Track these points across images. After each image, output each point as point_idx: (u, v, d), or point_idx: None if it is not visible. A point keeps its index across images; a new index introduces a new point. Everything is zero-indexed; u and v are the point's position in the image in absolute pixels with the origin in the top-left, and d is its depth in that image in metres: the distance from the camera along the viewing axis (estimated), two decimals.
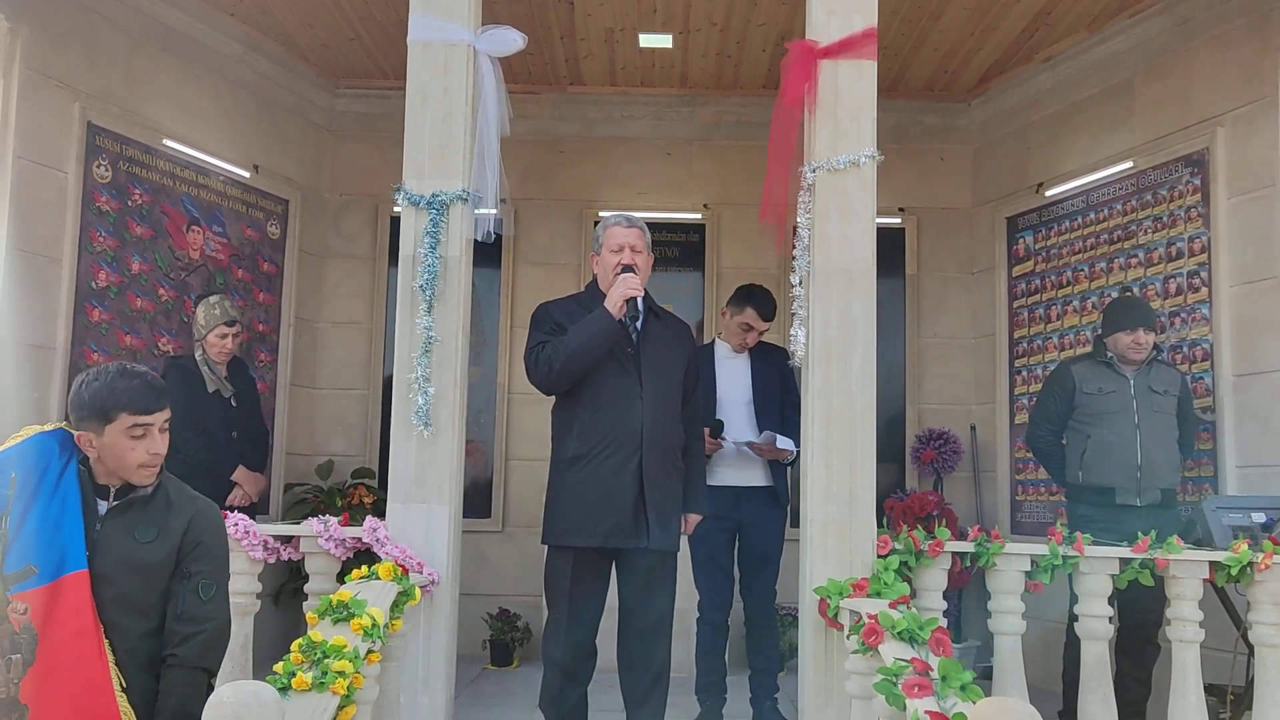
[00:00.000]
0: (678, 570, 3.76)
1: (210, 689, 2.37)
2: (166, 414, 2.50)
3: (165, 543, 2.46)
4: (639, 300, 3.55)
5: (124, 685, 2.37)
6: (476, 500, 6.22)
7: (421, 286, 3.63)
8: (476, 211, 3.78)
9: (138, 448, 2.44)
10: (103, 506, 2.47)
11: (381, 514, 3.65)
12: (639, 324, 3.64)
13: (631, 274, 3.56)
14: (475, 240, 3.80)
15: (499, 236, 6.20)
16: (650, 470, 3.55)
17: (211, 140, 5.66)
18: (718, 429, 4.41)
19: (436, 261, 3.64)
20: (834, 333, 3.67)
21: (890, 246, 6.21)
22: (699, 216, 6.62)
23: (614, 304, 3.50)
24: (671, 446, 3.67)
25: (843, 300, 3.68)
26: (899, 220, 6.55)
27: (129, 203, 5.14)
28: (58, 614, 2.32)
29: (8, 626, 2.27)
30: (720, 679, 4.47)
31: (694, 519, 3.88)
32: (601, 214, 6.47)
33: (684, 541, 3.88)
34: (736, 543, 4.54)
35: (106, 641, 2.37)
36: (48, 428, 2.52)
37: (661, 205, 6.53)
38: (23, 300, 4.59)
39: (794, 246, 3.75)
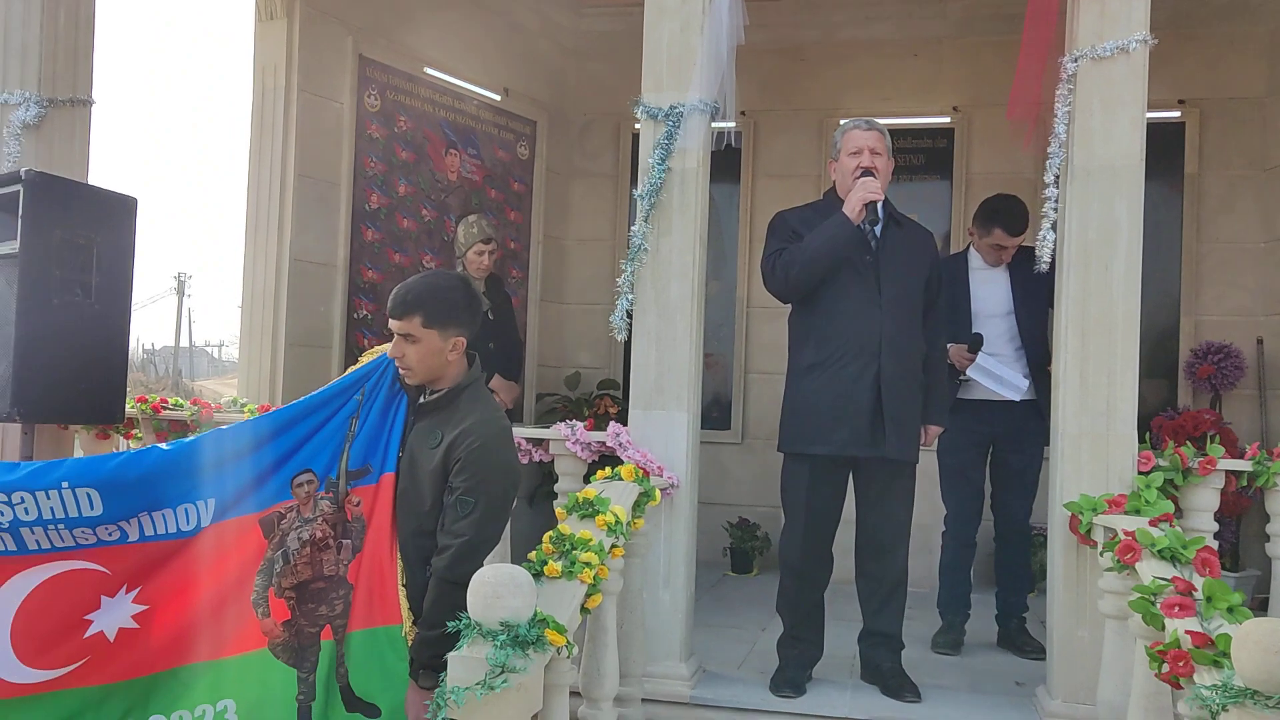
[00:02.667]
0: (918, 482, 3.70)
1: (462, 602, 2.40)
2: (406, 324, 2.56)
3: (440, 450, 2.54)
4: (879, 205, 3.46)
5: (404, 580, 2.58)
6: (716, 413, 6.35)
7: (640, 195, 3.69)
8: (714, 124, 3.78)
9: (393, 349, 2.63)
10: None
11: (624, 422, 3.80)
12: (878, 230, 3.55)
13: (871, 178, 3.46)
14: (713, 152, 3.81)
15: (738, 150, 6.20)
16: (888, 379, 3.48)
17: (466, 66, 5.95)
18: (976, 343, 4.22)
19: (661, 174, 3.67)
20: (1093, 235, 3.43)
21: (1165, 143, 5.68)
22: (948, 120, 6.30)
23: (852, 208, 3.42)
24: (911, 356, 3.59)
25: (1104, 200, 3.42)
26: (1178, 114, 5.95)
27: (395, 129, 5.52)
28: (377, 511, 2.61)
29: (343, 515, 2.60)
30: (964, 594, 4.38)
31: (934, 430, 3.79)
32: (842, 121, 6.30)
33: (932, 455, 3.80)
34: (989, 457, 4.38)
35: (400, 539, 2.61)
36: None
37: (907, 110, 6.27)
38: (309, 223, 5.07)
39: (1047, 144, 3.51)
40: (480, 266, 5.06)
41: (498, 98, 6.14)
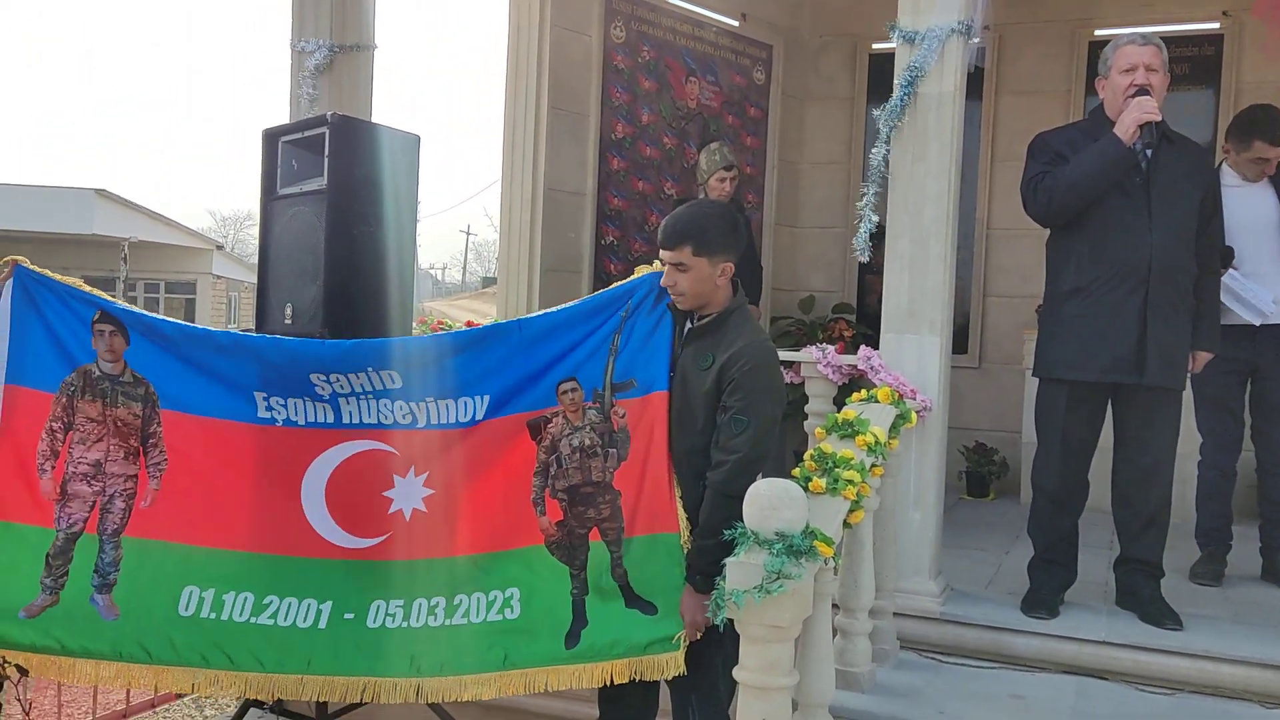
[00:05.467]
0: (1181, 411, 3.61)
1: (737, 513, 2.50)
2: (677, 254, 2.65)
3: (712, 372, 2.63)
4: (1153, 125, 3.32)
5: (680, 493, 2.75)
6: (953, 336, 6.26)
7: (879, 117, 3.68)
8: (973, 41, 3.72)
9: (666, 278, 2.74)
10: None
11: (860, 347, 3.87)
12: (1149, 152, 3.42)
13: (1146, 97, 3.33)
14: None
15: (979, 68, 5.99)
16: (1156, 304, 3.39)
17: None
18: (1226, 257, 3.99)
19: (905, 96, 3.64)
20: None
21: None
22: (1216, 26, 5.85)
23: (1126, 130, 3.31)
24: (1182, 280, 3.47)
25: None
26: None
27: (639, 59, 5.69)
28: (645, 422, 2.78)
29: (609, 425, 2.81)
30: (1225, 525, 4.24)
31: (1203, 357, 3.66)
32: (1097, 33, 5.98)
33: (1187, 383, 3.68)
34: (1249, 385, 4.18)
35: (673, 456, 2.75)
36: (657, 267, 2.86)
37: (1171, 17, 5.86)
38: (560, 152, 5.35)
39: None
40: (722, 193, 5.17)
41: (735, 23, 6.19)
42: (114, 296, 3.06)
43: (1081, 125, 3.65)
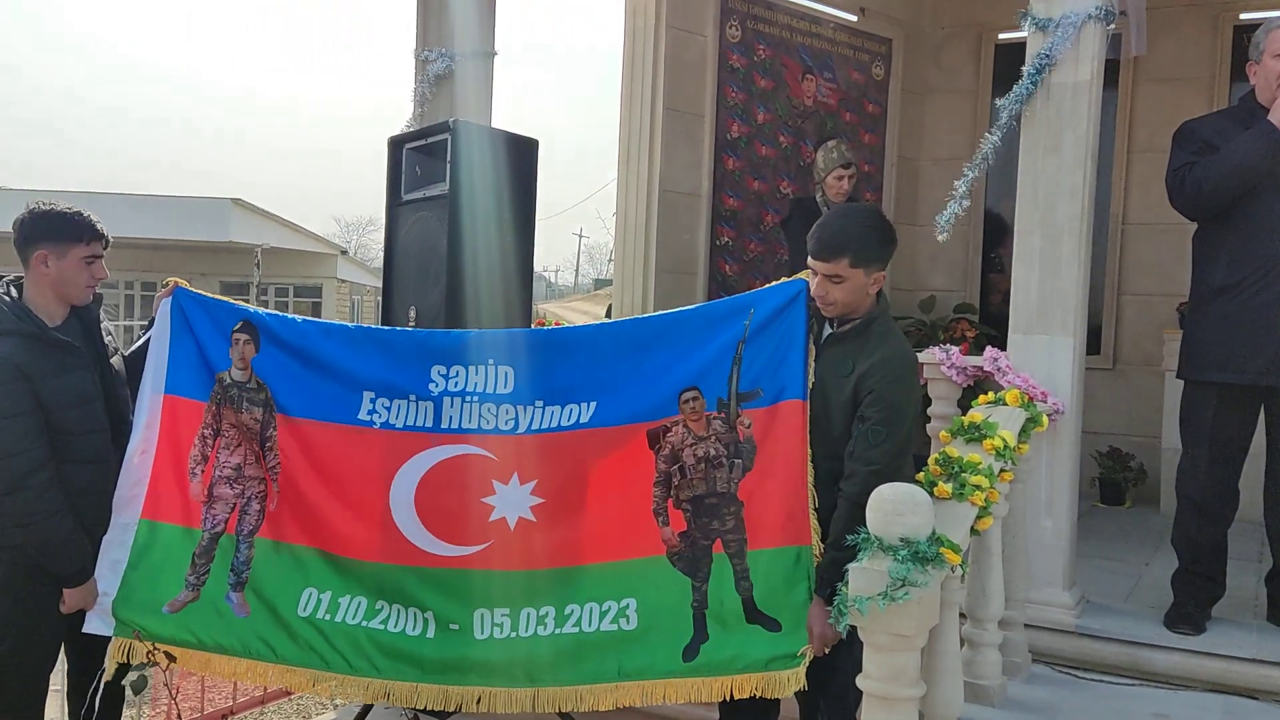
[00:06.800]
0: None
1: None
2: (833, 266, 2.56)
3: (852, 380, 2.55)
4: None
5: (816, 504, 2.65)
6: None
7: (1000, 106, 3.54)
8: (1109, 28, 3.55)
9: (817, 289, 2.63)
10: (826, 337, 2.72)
11: (983, 348, 3.74)
12: None
13: None
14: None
15: (1116, 56, 5.74)
16: None
17: None
18: None
19: (1032, 85, 3.51)
20: None
21: None
22: None
23: None
24: None
25: None
26: None
27: (754, 58, 5.63)
28: (774, 432, 2.70)
29: (734, 435, 2.73)
30: None
31: None
32: (1243, 17, 5.65)
33: None
34: None
35: (810, 464, 2.66)
36: (794, 277, 2.78)
37: None
38: (676, 154, 5.33)
39: None
40: (839, 191, 5.07)
41: (854, 18, 6.08)
42: (248, 300, 3.18)
43: (1231, 112, 3.45)
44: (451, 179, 3.99)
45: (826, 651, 2.55)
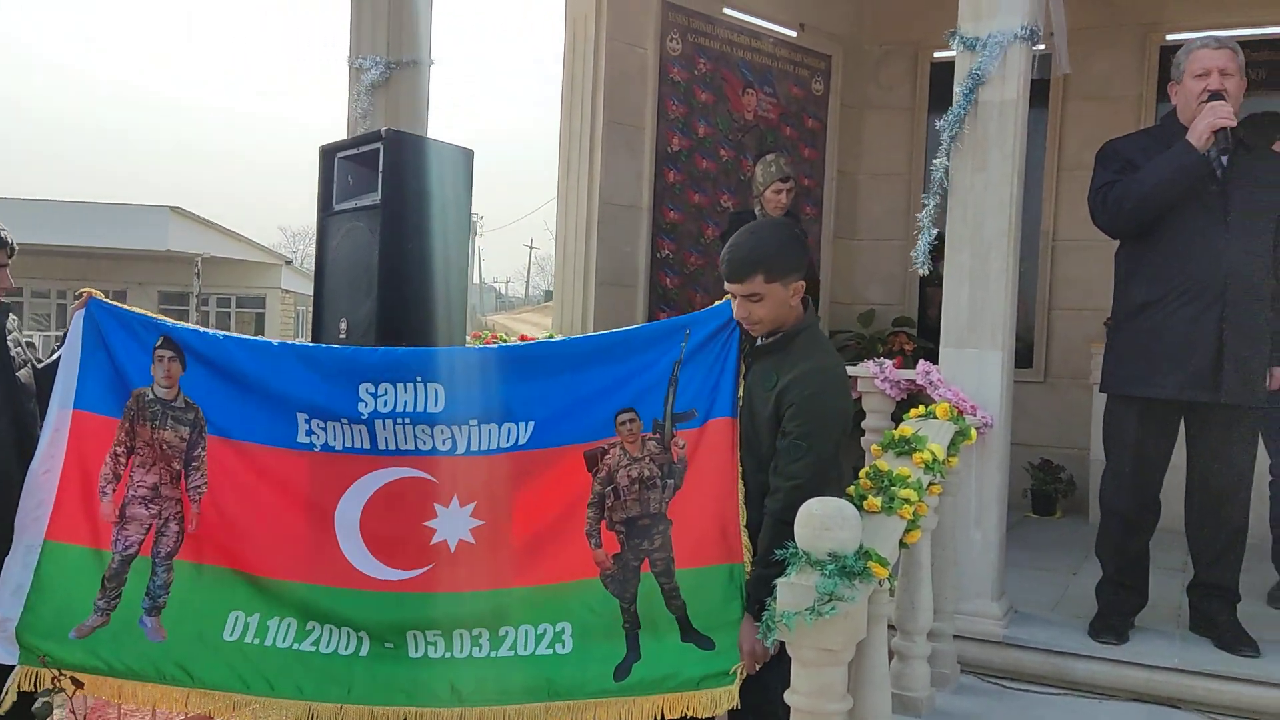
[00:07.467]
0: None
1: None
2: (749, 285, 2.54)
3: (774, 395, 2.54)
4: (1229, 132, 3.19)
5: (745, 521, 2.64)
6: (1016, 350, 6.10)
7: (940, 127, 3.59)
8: (1035, 48, 3.62)
9: (738, 311, 2.63)
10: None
11: (924, 360, 3.77)
12: (1225, 159, 3.29)
13: (1221, 101, 3.20)
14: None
15: (1046, 75, 5.85)
16: (1233, 319, 3.25)
17: (763, 3, 5.98)
18: None
19: (966, 105, 3.56)
20: None
21: None
22: None
23: (1199, 136, 3.19)
24: (1259, 294, 3.33)
25: None
26: None
27: (695, 72, 5.66)
28: (702, 450, 2.70)
29: (669, 455, 2.72)
30: None
31: None
32: (1169, 37, 5.80)
33: None
34: None
35: (741, 480, 2.65)
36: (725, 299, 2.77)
37: (1247, 20, 5.65)
38: (616, 166, 5.33)
39: None
40: (778, 205, 5.11)
41: (794, 34, 6.13)
42: (188, 310, 3.11)
43: (1154, 132, 3.52)
44: (384, 189, 3.93)
45: (759, 668, 2.54)
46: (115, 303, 2.98)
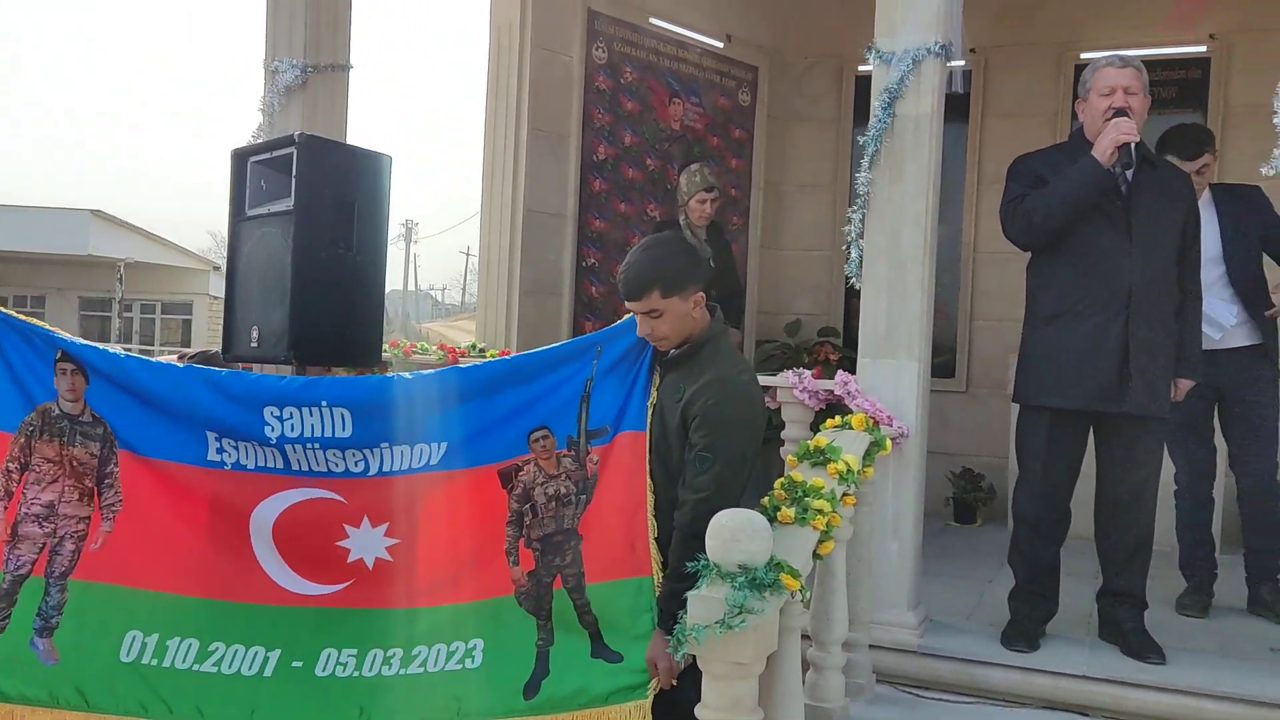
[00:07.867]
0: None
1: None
2: (646, 303, 2.56)
3: (680, 407, 2.56)
4: (1132, 148, 3.27)
5: (655, 534, 2.63)
6: (939, 361, 6.18)
7: (866, 142, 3.63)
8: (952, 63, 3.67)
9: (641, 329, 2.65)
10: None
11: (848, 370, 3.80)
12: (1129, 174, 3.36)
13: (1124, 118, 3.27)
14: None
15: (965, 91, 5.96)
16: (1137, 331, 3.32)
17: (690, 13, 6.00)
18: None
19: (886, 119, 3.60)
20: None
21: None
22: (1203, 49, 5.82)
23: (1103, 151, 3.25)
24: (1164, 305, 3.41)
25: None
26: None
27: (621, 80, 5.65)
28: (611, 464, 2.70)
29: (583, 472, 2.72)
30: (1208, 554, 4.16)
31: (1185, 385, 3.58)
32: (1084, 56, 5.94)
33: None
34: (1217, 410, 4.11)
35: (651, 493, 2.66)
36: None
37: (1159, 40, 5.82)
38: (540, 174, 5.29)
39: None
40: (702, 215, 5.12)
41: (720, 44, 6.16)
42: (110, 316, 3.00)
43: (1063, 147, 3.59)
44: (297, 194, 3.84)
45: (675, 683, 2.51)
46: (12, 312, 2.86)
